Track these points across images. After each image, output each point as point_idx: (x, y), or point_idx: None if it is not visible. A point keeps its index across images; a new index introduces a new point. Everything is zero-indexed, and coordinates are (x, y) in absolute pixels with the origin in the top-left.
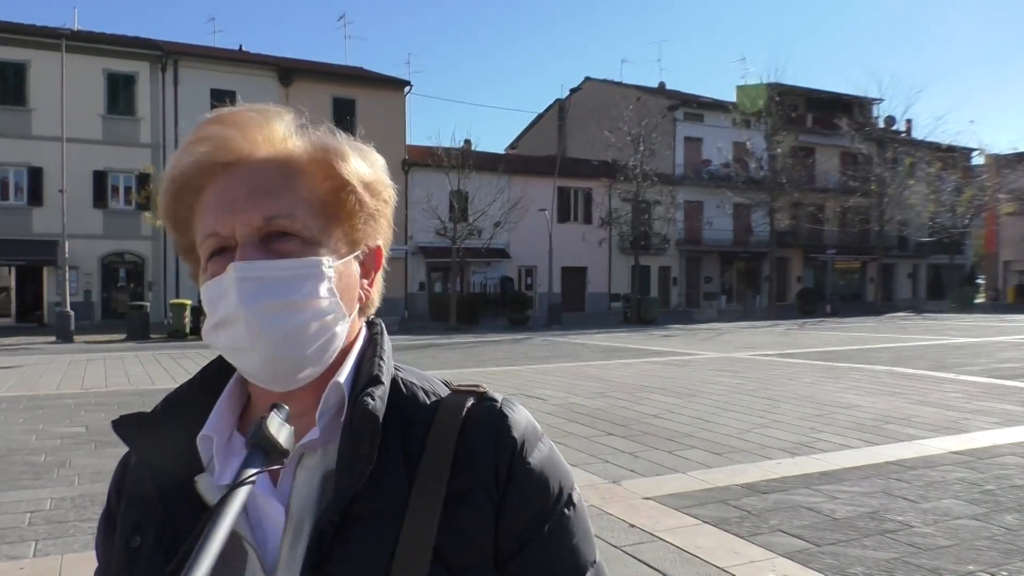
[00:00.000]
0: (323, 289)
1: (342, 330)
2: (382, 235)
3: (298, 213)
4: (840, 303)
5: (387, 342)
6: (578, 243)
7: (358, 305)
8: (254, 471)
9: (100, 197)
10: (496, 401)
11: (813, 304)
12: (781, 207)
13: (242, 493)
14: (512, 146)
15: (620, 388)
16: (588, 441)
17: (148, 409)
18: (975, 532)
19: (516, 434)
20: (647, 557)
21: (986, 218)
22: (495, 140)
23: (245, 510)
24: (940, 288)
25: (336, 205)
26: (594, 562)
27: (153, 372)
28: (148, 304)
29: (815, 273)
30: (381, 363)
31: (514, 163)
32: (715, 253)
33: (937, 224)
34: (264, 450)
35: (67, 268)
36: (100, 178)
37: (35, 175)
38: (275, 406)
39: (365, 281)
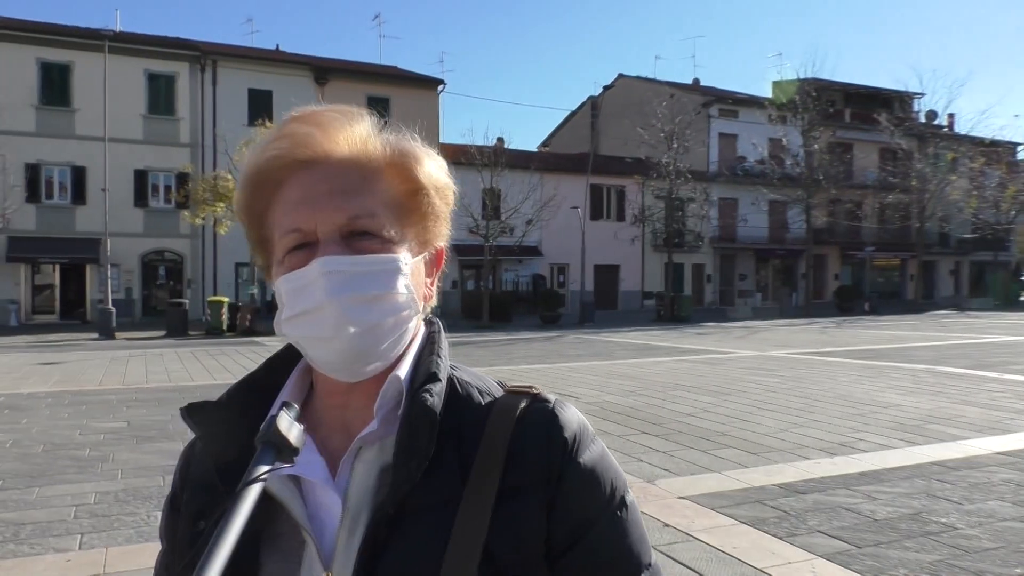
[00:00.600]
0: (401, 285)
1: (413, 325)
2: (445, 236)
3: (378, 213)
4: (879, 301)
5: (444, 340)
6: (611, 241)
7: (423, 303)
8: (265, 469)
9: (141, 196)
10: (549, 402)
11: (851, 302)
12: (818, 204)
13: (253, 491)
14: (545, 144)
15: (653, 386)
16: (621, 440)
17: (186, 404)
18: (1022, 534)
19: (568, 434)
20: (683, 557)
21: None
22: (528, 138)
23: (304, 500)
24: (983, 285)
25: (411, 207)
26: (649, 565)
27: (192, 368)
28: (187, 301)
29: (853, 270)
30: (439, 360)
31: (546, 161)
32: (750, 250)
33: (980, 220)
34: (275, 447)
35: (109, 266)
36: (141, 177)
37: (78, 174)
38: (285, 404)
39: (428, 280)
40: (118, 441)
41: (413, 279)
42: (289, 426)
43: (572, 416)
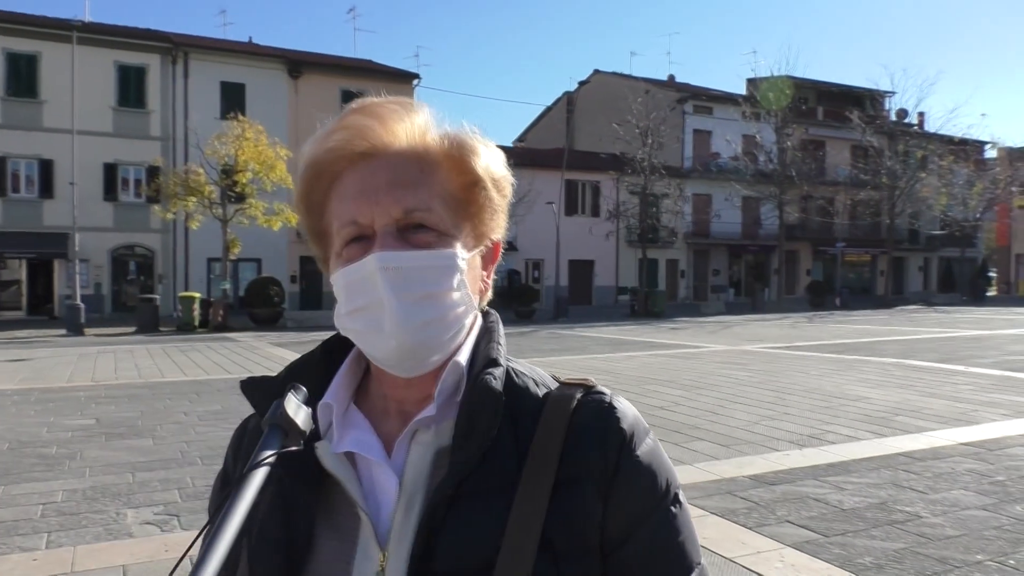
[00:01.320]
0: (456, 281)
1: (468, 321)
2: (501, 229)
3: (435, 206)
4: (850, 296)
5: (502, 330)
6: (585, 236)
7: (479, 297)
8: (270, 452)
9: (110, 190)
10: (605, 395)
11: (822, 297)
12: (790, 200)
13: (259, 475)
14: (520, 139)
15: (627, 381)
16: None
17: (245, 379)
18: (984, 522)
19: (625, 426)
20: None
21: (998, 211)
22: (503, 133)
23: (359, 479)
24: (952, 281)
25: (468, 200)
26: (699, 563)
27: (163, 365)
28: (158, 297)
29: (824, 266)
30: (499, 347)
31: (522, 156)
32: (723, 246)
33: (949, 217)
34: (282, 431)
35: (77, 261)
36: (110, 171)
37: (45, 167)
38: (292, 387)
39: (484, 273)
40: (87, 438)
41: (469, 274)
42: (296, 409)
43: (628, 409)
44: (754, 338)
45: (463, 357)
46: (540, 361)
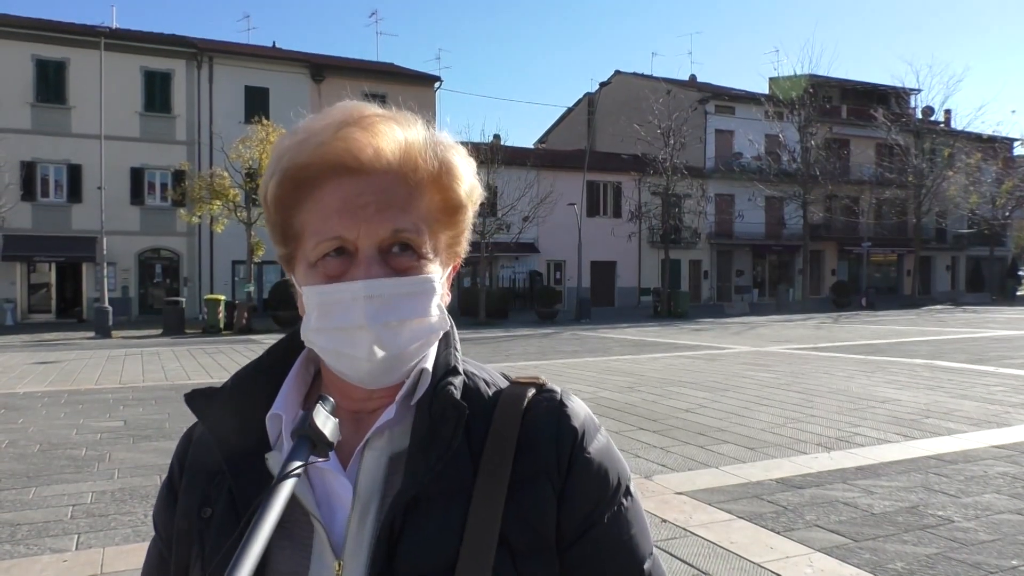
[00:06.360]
0: (434, 306)
1: (436, 339)
2: (467, 247)
3: (421, 229)
4: (876, 296)
5: (456, 334)
6: (607, 237)
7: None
8: (299, 463)
9: (137, 194)
10: (556, 392)
11: (848, 297)
12: (814, 199)
13: (288, 485)
14: (541, 141)
15: (650, 382)
16: (618, 436)
17: (190, 391)
18: (1018, 527)
19: (576, 424)
20: (680, 552)
21: None
22: (524, 135)
23: (312, 487)
24: (980, 281)
25: (447, 222)
26: (651, 553)
27: (189, 367)
28: (183, 300)
29: (850, 266)
30: (456, 353)
31: (543, 157)
32: (747, 246)
33: (977, 216)
34: (310, 441)
35: (105, 264)
36: (137, 175)
37: (74, 172)
38: (321, 398)
39: (448, 286)
40: (115, 440)
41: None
42: (325, 420)
43: (579, 407)
44: (779, 339)
45: (429, 363)
46: (562, 363)
